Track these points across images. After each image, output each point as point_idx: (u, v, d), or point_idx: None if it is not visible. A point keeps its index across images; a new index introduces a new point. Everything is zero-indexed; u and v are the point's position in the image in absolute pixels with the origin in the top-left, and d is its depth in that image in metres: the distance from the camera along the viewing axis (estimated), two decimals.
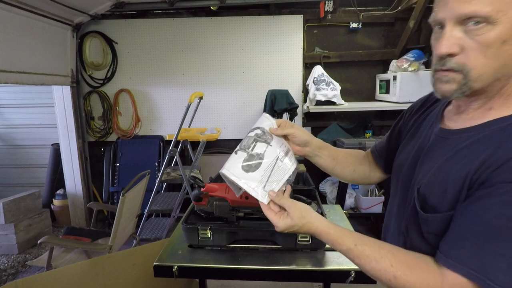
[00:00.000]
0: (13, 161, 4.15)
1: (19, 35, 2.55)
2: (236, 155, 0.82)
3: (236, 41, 3.48)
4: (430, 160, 0.69)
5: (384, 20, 3.39)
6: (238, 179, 0.79)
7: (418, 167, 0.72)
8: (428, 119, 0.78)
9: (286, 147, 0.85)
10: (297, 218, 0.75)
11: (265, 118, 0.87)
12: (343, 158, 0.97)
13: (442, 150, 0.67)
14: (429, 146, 0.71)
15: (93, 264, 1.55)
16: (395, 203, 0.80)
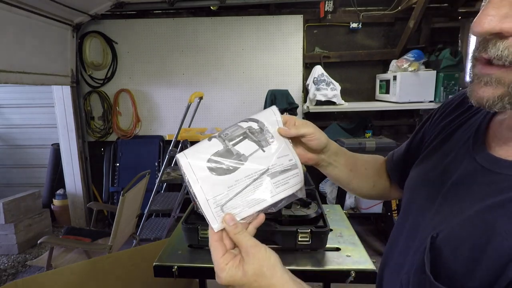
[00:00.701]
0: (13, 161, 4.15)
1: (19, 35, 2.55)
2: (208, 142, 0.55)
3: (236, 41, 3.48)
4: (460, 199, 0.46)
5: (384, 20, 3.39)
6: (192, 176, 0.52)
7: (439, 201, 0.49)
8: (464, 129, 0.53)
9: (291, 162, 0.57)
10: (252, 274, 0.49)
11: (271, 112, 0.61)
12: (361, 169, 0.75)
13: (483, 189, 0.43)
14: (460, 176, 0.48)
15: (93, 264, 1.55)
16: (403, 234, 0.56)
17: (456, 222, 0.44)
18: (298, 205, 1.38)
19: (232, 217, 0.52)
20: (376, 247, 3.04)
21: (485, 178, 0.44)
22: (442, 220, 0.46)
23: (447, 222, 0.45)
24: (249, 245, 0.50)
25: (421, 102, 3.09)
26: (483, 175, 0.44)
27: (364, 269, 1.08)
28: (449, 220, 0.45)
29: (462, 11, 3.33)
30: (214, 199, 0.52)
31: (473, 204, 0.43)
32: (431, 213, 0.49)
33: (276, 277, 0.49)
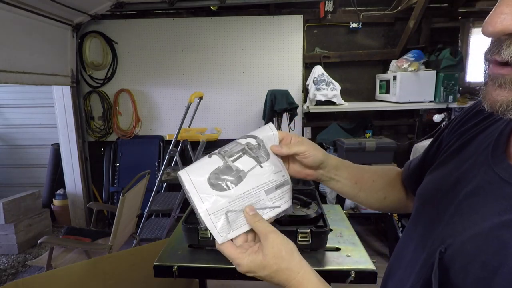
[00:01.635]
0: (13, 161, 4.15)
1: (19, 35, 2.55)
2: (209, 159, 0.57)
3: (236, 41, 3.48)
4: (473, 212, 0.42)
5: (384, 20, 3.39)
6: (193, 192, 0.53)
7: (450, 212, 0.46)
8: (484, 136, 0.49)
9: (284, 178, 0.59)
10: (272, 257, 0.50)
11: (268, 128, 0.62)
12: (369, 182, 0.72)
13: (500, 203, 0.40)
14: (475, 187, 0.44)
15: (93, 264, 1.55)
16: (410, 246, 0.53)
17: (467, 236, 0.41)
18: (298, 205, 1.38)
19: (252, 207, 0.54)
20: (376, 247, 3.04)
21: (503, 190, 0.40)
22: (452, 233, 0.43)
23: (457, 236, 0.42)
24: (268, 231, 0.53)
25: (421, 102, 3.09)
26: (501, 188, 0.40)
27: (364, 269, 1.08)
28: (459, 234, 0.42)
29: (462, 11, 3.33)
30: (215, 214, 0.54)
31: (488, 218, 0.39)
32: (441, 224, 0.46)
33: (295, 262, 0.51)
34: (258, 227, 0.53)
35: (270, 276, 0.52)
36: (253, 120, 3.60)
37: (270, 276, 0.52)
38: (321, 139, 3.36)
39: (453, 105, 3.07)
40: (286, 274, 0.51)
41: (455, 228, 0.43)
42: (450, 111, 3.21)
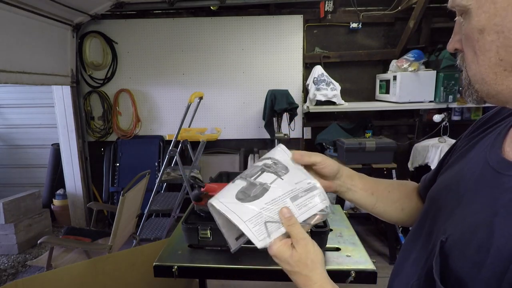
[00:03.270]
0: (13, 161, 4.15)
1: (19, 35, 2.55)
2: (232, 184, 0.63)
3: (236, 41, 3.48)
4: (471, 203, 0.47)
5: (384, 20, 3.39)
6: (226, 209, 0.57)
7: (452, 206, 0.51)
8: (489, 137, 0.54)
9: (310, 184, 0.61)
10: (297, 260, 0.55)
11: (280, 150, 0.66)
12: (384, 192, 0.74)
13: (492, 192, 0.44)
14: (475, 180, 0.49)
15: (93, 264, 1.55)
16: (418, 244, 0.56)
17: (465, 226, 0.45)
18: None
19: (288, 210, 0.57)
20: (376, 247, 3.04)
21: (495, 180, 0.45)
22: (453, 224, 0.48)
23: (457, 226, 0.46)
24: (300, 237, 0.55)
25: (421, 102, 3.09)
26: (494, 178, 0.45)
27: (364, 269, 1.08)
28: (459, 224, 0.46)
29: None
30: (250, 221, 0.57)
31: (483, 208, 0.44)
32: (444, 218, 0.51)
33: (316, 272, 0.55)
34: (292, 231, 0.56)
35: (290, 273, 0.56)
36: (253, 120, 3.60)
37: (289, 273, 0.56)
38: (321, 139, 3.36)
39: (453, 105, 3.07)
40: (304, 280, 0.55)
41: (456, 220, 0.48)
42: (450, 111, 3.21)
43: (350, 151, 2.84)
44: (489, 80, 0.44)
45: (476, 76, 0.46)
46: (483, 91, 0.46)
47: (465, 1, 0.45)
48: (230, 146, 3.72)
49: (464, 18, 0.47)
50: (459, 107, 3.21)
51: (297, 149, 3.72)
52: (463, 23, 0.47)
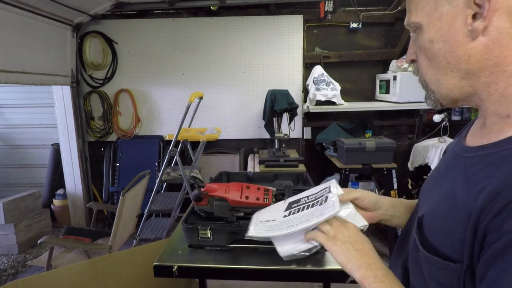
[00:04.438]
0: (13, 161, 4.15)
1: (19, 35, 2.55)
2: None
3: (236, 41, 3.48)
4: (442, 184, 0.57)
5: (384, 20, 3.39)
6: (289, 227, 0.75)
7: (429, 191, 0.62)
8: (467, 132, 0.63)
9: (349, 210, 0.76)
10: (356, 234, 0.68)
11: (333, 185, 0.81)
12: None
13: (455, 171, 0.55)
14: (445, 167, 0.61)
15: (93, 264, 1.55)
16: (409, 228, 0.67)
17: (435, 201, 0.57)
18: None
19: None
20: (376, 247, 3.03)
21: (457, 162, 0.57)
22: (427, 204, 0.60)
23: (430, 205, 0.58)
24: None
25: (421, 102, 3.08)
26: (456, 161, 0.57)
27: None
28: (431, 203, 0.58)
29: None
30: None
31: (448, 185, 0.55)
32: (423, 203, 0.63)
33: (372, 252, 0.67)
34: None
35: (356, 244, 0.67)
36: (253, 120, 3.60)
37: (355, 243, 0.67)
38: (321, 139, 3.36)
39: None
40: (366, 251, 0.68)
41: (429, 200, 0.59)
42: (450, 111, 3.21)
43: (350, 151, 2.84)
44: (442, 80, 0.55)
45: (432, 78, 0.56)
46: (438, 91, 0.56)
47: (418, 19, 0.54)
48: (230, 146, 3.72)
49: (417, 33, 0.56)
50: (459, 107, 3.21)
51: (297, 149, 3.73)
52: (417, 38, 0.57)
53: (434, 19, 0.52)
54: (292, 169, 2.83)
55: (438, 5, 0.51)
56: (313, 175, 1.95)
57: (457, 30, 0.50)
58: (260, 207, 1.21)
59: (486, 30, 0.48)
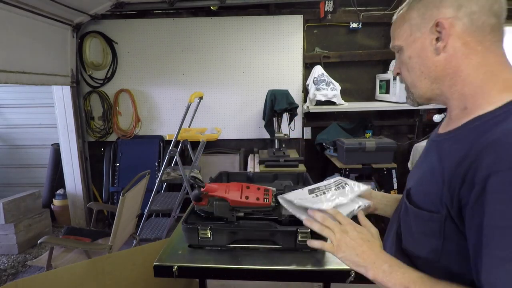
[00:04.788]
0: (13, 161, 4.15)
1: (19, 35, 2.55)
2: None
3: (236, 41, 3.48)
4: (422, 164, 0.77)
5: (384, 20, 3.39)
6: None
7: (416, 169, 0.80)
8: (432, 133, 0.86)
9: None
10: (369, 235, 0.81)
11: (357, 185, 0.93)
12: None
13: (431, 152, 0.73)
14: (424, 152, 0.80)
15: (93, 264, 1.55)
16: (398, 210, 0.85)
17: (419, 176, 0.74)
18: None
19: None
20: None
21: (432, 146, 0.75)
22: (412, 179, 0.78)
23: (415, 179, 0.76)
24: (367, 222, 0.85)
25: None
26: (431, 145, 0.76)
27: None
28: (416, 178, 0.76)
29: None
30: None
31: (427, 163, 0.73)
32: (410, 180, 0.80)
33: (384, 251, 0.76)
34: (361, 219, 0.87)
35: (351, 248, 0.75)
36: (253, 120, 3.60)
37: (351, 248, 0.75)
38: (321, 139, 3.36)
39: None
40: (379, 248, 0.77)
41: (415, 176, 0.77)
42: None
43: (350, 151, 2.84)
44: (418, 85, 0.75)
45: (411, 84, 0.78)
46: (416, 92, 0.78)
47: (399, 43, 0.76)
48: (230, 146, 3.72)
49: (399, 52, 0.77)
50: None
51: (297, 149, 3.72)
52: (400, 56, 0.78)
53: (410, 42, 0.73)
54: (292, 169, 2.83)
55: (412, 32, 0.72)
56: (313, 175, 1.95)
57: (426, 49, 0.70)
58: (260, 207, 1.21)
59: (445, 48, 0.68)
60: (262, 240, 1.23)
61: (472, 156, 0.58)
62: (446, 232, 0.64)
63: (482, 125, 0.62)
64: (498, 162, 0.54)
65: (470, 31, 0.65)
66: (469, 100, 0.67)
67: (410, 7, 0.73)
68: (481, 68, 0.66)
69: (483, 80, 0.65)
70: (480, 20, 0.65)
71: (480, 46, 0.66)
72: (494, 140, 0.57)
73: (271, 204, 1.20)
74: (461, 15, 0.65)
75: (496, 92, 0.64)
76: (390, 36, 0.80)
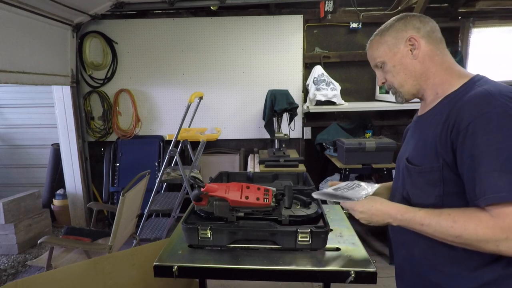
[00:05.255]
0: (13, 161, 4.15)
1: (19, 35, 2.56)
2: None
3: (236, 41, 3.48)
4: (413, 138, 1.01)
5: (384, 20, 3.36)
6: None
7: (405, 148, 1.06)
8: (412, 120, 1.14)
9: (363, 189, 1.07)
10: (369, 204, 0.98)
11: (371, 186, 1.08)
12: None
13: (418, 129, 1.00)
14: (411, 131, 1.06)
15: (93, 264, 1.55)
16: (396, 183, 1.07)
17: (413, 145, 0.98)
18: (298, 205, 1.38)
19: None
20: (376, 247, 3.04)
21: (417, 124, 1.02)
22: (408, 150, 1.00)
23: (409, 149, 0.99)
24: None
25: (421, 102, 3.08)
26: (417, 124, 1.03)
27: (364, 269, 1.08)
28: (410, 148, 0.99)
29: (462, 11, 3.33)
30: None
31: (417, 135, 0.99)
32: (404, 151, 1.04)
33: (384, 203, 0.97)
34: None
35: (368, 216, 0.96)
36: (253, 120, 3.61)
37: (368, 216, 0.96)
38: (321, 139, 3.36)
39: None
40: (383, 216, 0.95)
41: (409, 147, 1.01)
42: None
43: (350, 151, 2.84)
44: (404, 84, 1.00)
45: (399, 85, 1.01)
46: (404, 91, 1.01)
47: (382, 59, 1.01)
48: (230, 146, 3.72)
49: (383, 67, 1.02)
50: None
51: (297, 149, 3.72)
52: (384, 68, 1.02)
53: (391, 56, 0.99)
54: (292, 169, 2.83)
55: (390, 49, 0.99)
56: (313, 175, 1.95)
57: (406, 57, 0.97)
58: (260, 207, 1.21)
59: (418, 54, 0.96)
60: (262, 240, 1.23)
61: (453, 116, 0.84)
62: (444, 179, 0.86)
63: (453, 98, 0.90)
64: (473, 113, 0.80)
65: (429, 42, 0.96)
66: (439, 87, 0.95)
67: (382, 34, 1.01)
68: (442, 65, 0.95)
69: (445, 73, 0.95)
70: (433, 35, 0.96)
71: (438, 51, 0.96)
72: (465, 101, 0.84)
73: (271, 204, 1.20)
74: (422, 34, 0.96)
75: (456, 79, 0.93)
76: None
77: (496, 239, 0.74)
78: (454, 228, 0.79)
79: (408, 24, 0.97)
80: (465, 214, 0.79)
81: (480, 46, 3.45)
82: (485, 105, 0.79)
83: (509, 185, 0.72)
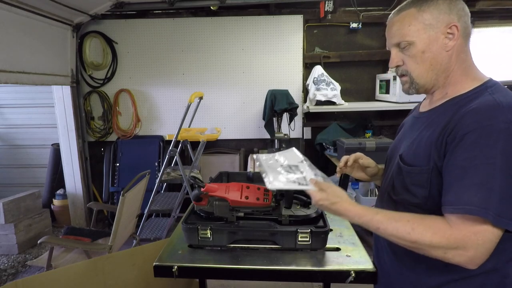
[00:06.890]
0: (13, 161, 4.15)
1: (19, 35, 2.56)
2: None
3: (236, 41, 3.48)
4: (410, 135, 0.97)
5: (384, 20, 3.36)
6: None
7: (400, 142, 1.01)
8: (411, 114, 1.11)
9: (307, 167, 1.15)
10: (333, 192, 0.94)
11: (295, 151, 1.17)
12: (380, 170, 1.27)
13: (417, 126, 0.96)
14: (409, 126, 1.02)
15: (93, 264, 1.55)
16: (385, 178, 1.07)
17: (409, 143, 0.95)
18: (298, 205, 1.39)
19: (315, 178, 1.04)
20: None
21: (417, 121, 0.98)
22: (403, 146, 0.97)
23: (404, 146, 0.96)
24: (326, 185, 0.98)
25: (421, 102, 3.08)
26: (416, 120, 0.99)
27: (364, 269, 1.08)
28: (405, 145, 0.96)
29: None
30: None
31: (415, 134, 0.94)
32: (399, 148, 1.00)
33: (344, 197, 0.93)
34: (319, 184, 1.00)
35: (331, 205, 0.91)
36: (253, 120, 3.61)
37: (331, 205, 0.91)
38: (321, 139, 3.36)
39: None
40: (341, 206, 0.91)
41: (404, 143, 0.98)
42: None
43: (350, 151, 2.83)
44: (424, 75, 0.89)
45: (418, 75, 0.90)
46: (420, 83, 0.91)
47: (411, 39, 0.86)
48: (230, 146, 3.72)
49: (407, 48, 0.88)
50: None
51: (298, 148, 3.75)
52: (408, 50, 0.88)
53: (424, 38, 0.85)
54: None
55: (426, 30, 0.85)
56: None
57: (438, 45, 0.86)
58: (260, 207, 1.21)
59: (453, 46, 0.85)
60: (262, 240, 1.23)
61: (455, 121, 0.80)
62: (431, 181, 0.85)
63: (460, 101, 0.85)
64: (474, 123, 0.76)
65: (463, 36, 0.86)
66: (450, 87, 0.89)
67: (420, 9, 0.85)
68: (463, 64, 0.88)
69: (462, 73, 0.89)
70: (468, 29, 0.87)
71: (466, 47, 0.88)
72: (471, 109, 0.79)
73: (271, 204, 1.20)
74: (461, 23, 0.84)
75: (469, 81, 0.87)
76: None
77: (447, 247, 0.75)
78: (411, 235, 0.79)
79: (453, 8, 0.84)
80: (424, 222, 0.79)
81: (480, 46, 3.45)
82: (489, 117, 0.75)
83: (482, 201, 0.72)
